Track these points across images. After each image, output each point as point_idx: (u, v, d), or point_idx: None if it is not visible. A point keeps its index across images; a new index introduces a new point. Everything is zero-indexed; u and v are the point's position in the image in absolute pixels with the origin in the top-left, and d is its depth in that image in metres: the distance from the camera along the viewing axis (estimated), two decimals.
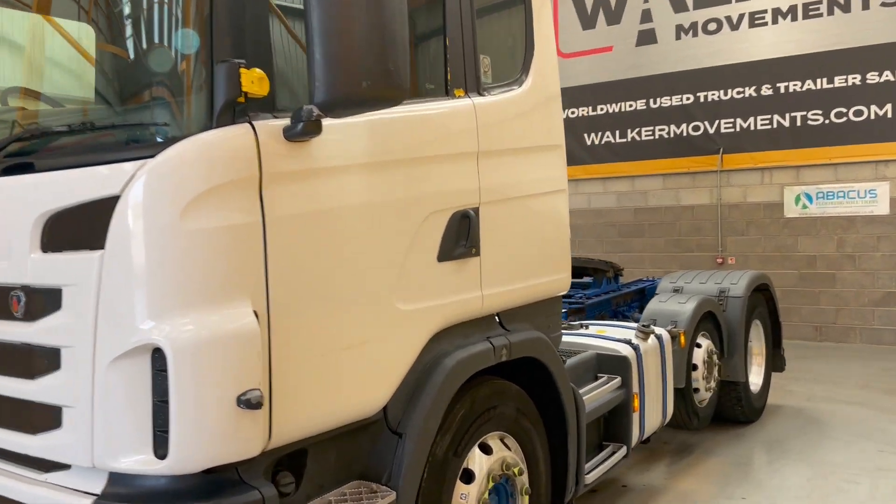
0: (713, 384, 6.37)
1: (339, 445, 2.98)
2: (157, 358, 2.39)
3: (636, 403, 4.91)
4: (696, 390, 6.17)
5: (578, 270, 7.19)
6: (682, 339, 5.81)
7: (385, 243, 2.97)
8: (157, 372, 2.40)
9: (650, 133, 12.74)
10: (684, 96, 12.35)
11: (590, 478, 4.35)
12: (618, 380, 4.80)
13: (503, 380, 3.73)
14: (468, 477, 3.47)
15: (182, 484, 2.53)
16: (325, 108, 2.49)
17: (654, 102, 12.65)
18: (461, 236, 3.34)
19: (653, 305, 6.25)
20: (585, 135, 13.32)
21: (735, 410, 6.88)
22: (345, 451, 3.01)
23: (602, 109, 13.17)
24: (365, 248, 2.88)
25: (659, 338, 5.39)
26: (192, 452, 2.41)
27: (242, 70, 2.46)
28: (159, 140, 2.50)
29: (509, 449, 3.72)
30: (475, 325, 3.56)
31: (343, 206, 2.80)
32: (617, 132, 13.06)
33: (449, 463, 3.33)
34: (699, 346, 6.21)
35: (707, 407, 6.37)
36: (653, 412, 5.21)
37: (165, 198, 2.39)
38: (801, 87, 11.38)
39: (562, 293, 4.22)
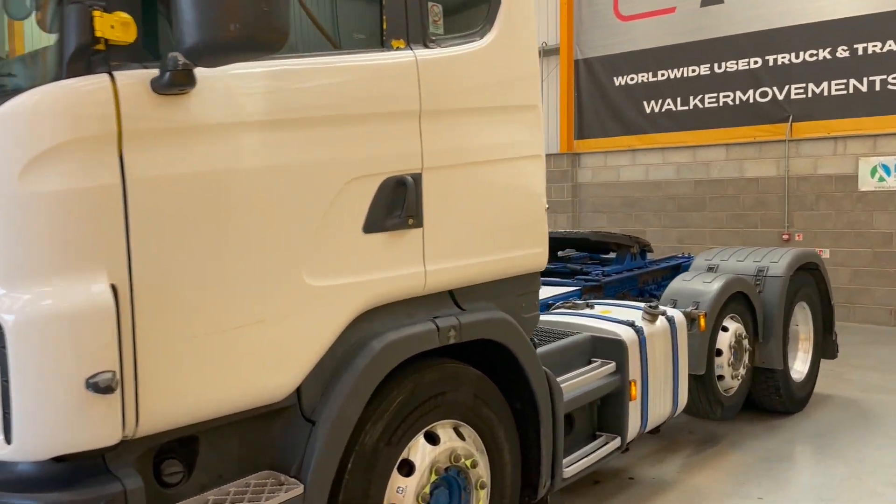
0: (742, 371, 5.84)
1: (244, 432, 2.73)
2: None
3: (634, 391, 4.48)
4: (721, 378, 5.67)
5: (600, 246, 6.73)
6: (703, 321, 5.31)
7: (289, 212, 2.65)
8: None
9: (714, 100, 11.96)
10: (752, 60, 11.51)
11: (570, 471, 3.99)
12: (611, 365, 4.39)
13: (458, 363, 3.40)
14: (409, 469, 3.17)
15: (42, 471, 2.32)
16: (191, 56, 2.19)
17: (719, 67, 11.86)
18: (395, 206, 3.00)
19: (675, 284, 5.75)
20: (645, 102, 12.64)
21: (772, 400, 6.32)
22: (251, 439, 2.76)
23: (663, 75, 12.44)
24: (261, 217, 2.58)
25: (670, 320, 4.92)
26: (36, 438, 2.19)
27: (98, 13, 2.18)
28: (4, 92, 2.26)
29: (463, 439, 3.39)
30: (421, 304, 3.23)
31: (232, 169, 2.50)
32: (678, 99, 12.33)
33: (380, 453, 3.03)
34: (725, 329, 5.68)
35: (735, 396, 5.85)
36: (659, 401, 4.78)
37: (2, 155, 2.15)
38: (881, 49, 10.41)
39: (538, 270, 3.82)
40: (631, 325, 4.64)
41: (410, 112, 3.06)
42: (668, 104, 12.42)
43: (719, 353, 5.62)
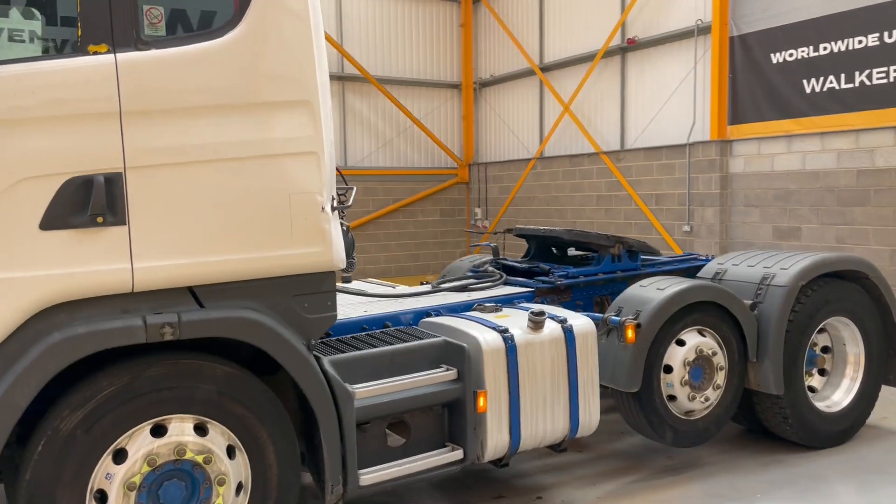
0: (714, 393, 5.07)
1: None
2: None
3: (483, 402, 4.15)
4: (673, 398, 4.98)
5: (578, 245, 6.17)
6: (630, 332, 4.72)
7: None
8: None
9: (883, 75, 10.25)
10: None
11: (370, 479, 3.84)
12: (452, 372, 4.10)
13: (203, 360, 3.45)
14: (124, 457, 3.31)
15: None
16: None
17: (890, 36, 10.13)
18: (87, 204, 3.13)
19: (629, 290, 5.14)
20: (805, 81, 11.15)
21: (783, 429, 5.43)
22: None
23: (825, 49, 10.88)
24: None
25: (568, 329, 4.45)
26: None
27: None
28: None
29: (204, 434, 3.44)
30: (145, 300, 3.33)
31: None
32: (842, 76, 10.72)
33: (77, 440, 3.20)
34: (682, 343, 4.98)
35: (702, 421, 5.10)
36: (541, 417, 4.36)
37: None
38: None
39: (320, 270, 3.70)
40: (502, 331, 4.30)
41: (106, 114, 3.16)
42: (831, 81, 10.84)
43: (669, 369, 4.94)
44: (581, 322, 4.56)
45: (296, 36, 3.54)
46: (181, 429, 3.42)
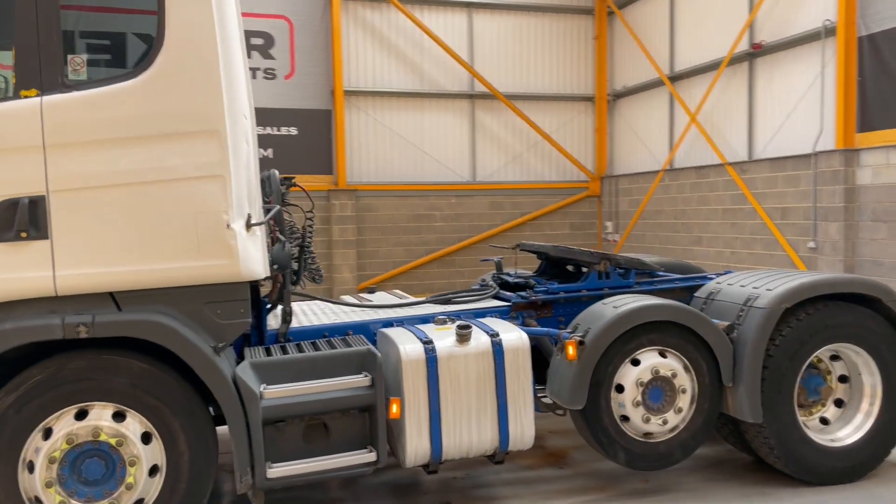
0: (675, 416, 4.90)
1: None
2: None
3: (395, 409, 4.37)
4: (626, 419, 4.88)
5: (567, 261, 6.09)
6: (570, 349, 4.70)
7: None
8: None
9: None
10: None
11: (277, 472, 4.20)
12: (365, 378, 4.35)
13: (120, 356, 4.02)
14: (49, 435, 3.94)
15: None
16: None
17: None
18: (12, 222, 3.79)
19: (591, 307, 5.08)
20: None
21: (774, 460, 5.11)
22: None
23: None
24: None
25: (496, 344, 4.56)
26: None
27: None
28: None
29: (121, 421, 4.00)
30: (70, 302, 3.94)
31: None
32: None
33: (9, 419, 3.87)
34: (636, 363, 4.87)
35: (663, 444, 4.94)
36: (465, 428, 4.51)
37: None
38: None
39: (227, 281, 4.13)
40: (426, 343, 4.50)
41: (30, 147, 3.81)
42: None
43: (621, 389, 4.85)
44: (513, 337, 4.64)
45: (203, 75, 4.01)
46: (99, 414, 4.00)
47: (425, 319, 5.25)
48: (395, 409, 4.39)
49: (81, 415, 3.99)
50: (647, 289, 5.72)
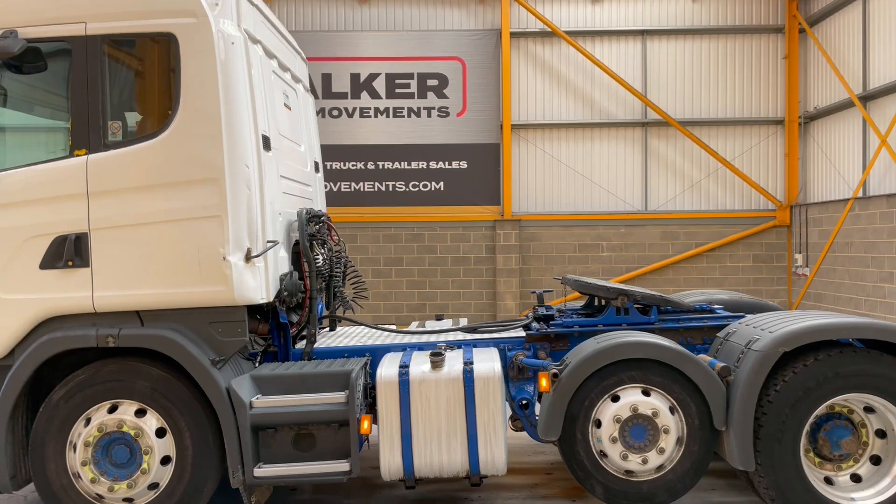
0: (658, 456, 4.83)
1: None
2: None
3: (366, 426, 4.83)
4: (604, 455, 4.89)
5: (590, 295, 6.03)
6: (543, 381, 4.85)
7: None
8: None
9: None
10: None
11: (260, 472, 4.85)
12: (340, 395, 4.86)
13: (143, 363, 4.93)
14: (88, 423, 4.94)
15: None
16: None
17: None
18: (64, 253, 4.84)
19: (582, 343, 5.16)
20: None
21: None
22: None
23: None
24: None
25: (467, 372, 4.86)
26: None
27: None
28: None
29: (142, 416, 4.91)
30: (106, 318, 4.93)
31: None
32: None
33: (60, 407, 4.92)
34: (616, 399, 4.88)
35: (651, 485, 4.86)
36: (435, 449, 4.86)
37: None
38: None
39: (223, 304, 4.86)
40: (402, 367, 4.93)
41: (77, 194, 4.85)
42: None
43: (599, 424, 4.89)
44: (485, 367, 4.91)
45: (206, 135, 4.82)
46: (125, 410, 4.92)
47: (460, 344, 5.62)
48: (365, 425, 4.86)
49: (113, 409, 4.94)
50: (669, 326, 5.62)
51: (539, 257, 15.63)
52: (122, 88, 5.07)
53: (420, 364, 4.96)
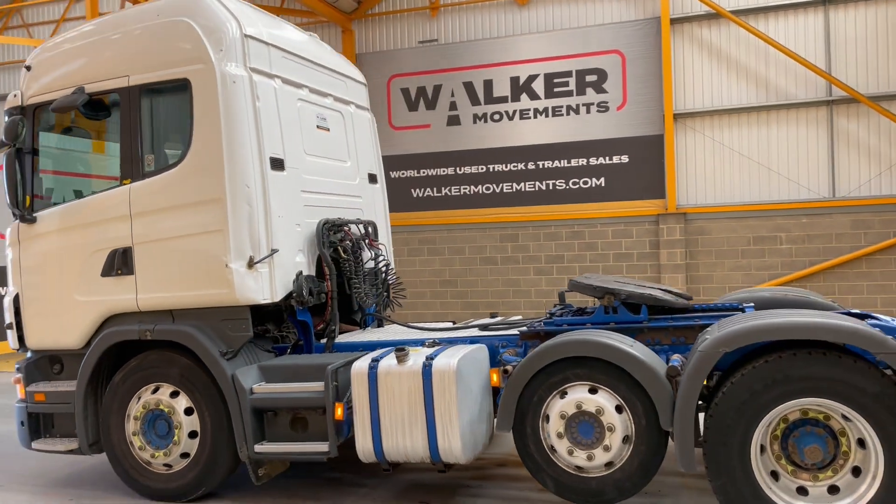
0: (602, 454, 4.82)
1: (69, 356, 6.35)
2: None
3: (340, 412, 5.37)
4: (554, 450, 4.97)
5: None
6: (493, 376, 5.09)
7: (69, 266, 6.16)
8: None
9: None
10: None
11: (258, 448, 5.62)
12: (320, 385, 5.46)
13: (174, 353, 5.95)
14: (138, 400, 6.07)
15: None
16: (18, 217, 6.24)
17: None
18: (115, 264, 5.99)
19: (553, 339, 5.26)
20: None
21: None
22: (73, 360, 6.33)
23: None
24: (62, 268, 6.20)
25: (426, 366, 5.21)
26: None
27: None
28: None
29: (174, 397, 5.94)
30: (148, 317, 6.00)
31: (49, 250, 6.25)
32: None
33: (119, 388, 6.10)
34: (564, 395, 4.95)
35: (601, 482, 4.85)
36: (399, 436, 5.25)
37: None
38: None
39: (229, 304, 5.67)
40: (374, 359, 5.43)
41: (124, 216, 5.96)
42: None
43: (548, 419, 4.99)
44: (443, 362, 5.22)
45: (211, 165, 5.68)
46: (163, 391, 5.96)
47: (451, 341, 6.02)
48: (339, 411, 5.42)
49: (156, 390, 6.00)
50: (659, 325, 5.49)
51: (708, 252, 14.91)
52: (156, 127, 6.11)
53: (389, 358, 5.42)
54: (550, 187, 15.74)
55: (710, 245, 14.89)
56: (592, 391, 4.95)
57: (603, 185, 15.40)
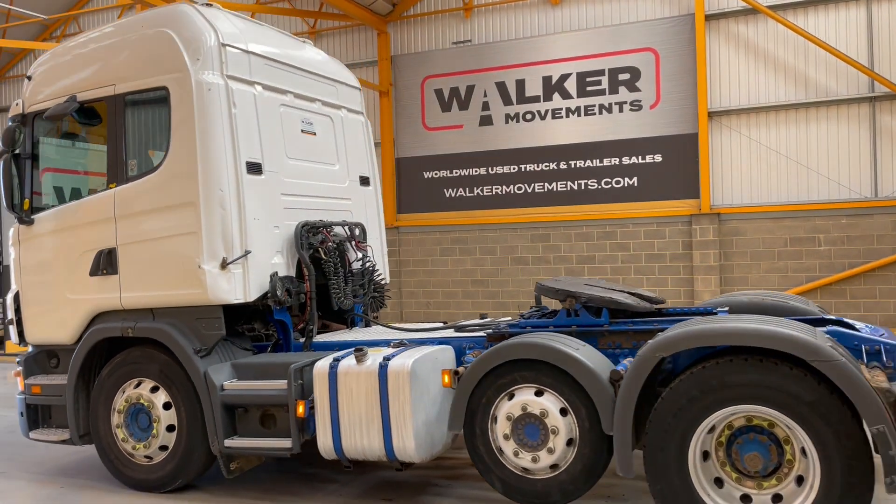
0: (547, 457, 4.80)
1: (64, 351, 6.68)
2: None
3: (300, 410, 5.49)
4: (501, 451, 4.96)
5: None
6: (445, 377, 5.11)
7: (62, 265, 6.48)
8: None
9: None
10: None
11: (230, 443, 5.79)
12: (283, 382, 5.60)
13: (152, 349, 6.19)
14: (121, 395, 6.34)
15: None
16: (17, 219, 6.60)
17: None
18: (101, 264, 6.27)
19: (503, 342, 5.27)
20: None
21: None
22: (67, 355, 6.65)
23: None
24: (55, 267, 6.53)
25: (382, 367, 5.30)
26: None
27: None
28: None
29: (154, 392, 6.18)
30: (130, 315, 6.24)
31: (45, 250, 6.59)
32: None
33: (106, 383, 6.38)
34: (511, 397, 4.96)
35: (546, 484, 4.84)
36: (357, 434, 5.33)
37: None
38: None
39: (202, 304, 5.85)
40: (335, 359, 5.54)
41: (109, 218, 6.23)
42: None
43: (496, 420, 5.00)
44: (399, 363, 5.28)
45: (186, 170, 5.88)
46: (144, 386, 6.20)
47: (421, 342, 6.09)
48: (301, 409, 5.56)
49: (138, 385, 6.26)
50: (620, 329, 5.43)
51: (743, 253, 14.56)
52: (139, 133, 6.35)
53: (350, 359, 5.52)
54: (582, 187, 15.61)
55: (745, 246, 14.54)
56: (538, 394, 4.95)
57: (635, 184, 15.20)
